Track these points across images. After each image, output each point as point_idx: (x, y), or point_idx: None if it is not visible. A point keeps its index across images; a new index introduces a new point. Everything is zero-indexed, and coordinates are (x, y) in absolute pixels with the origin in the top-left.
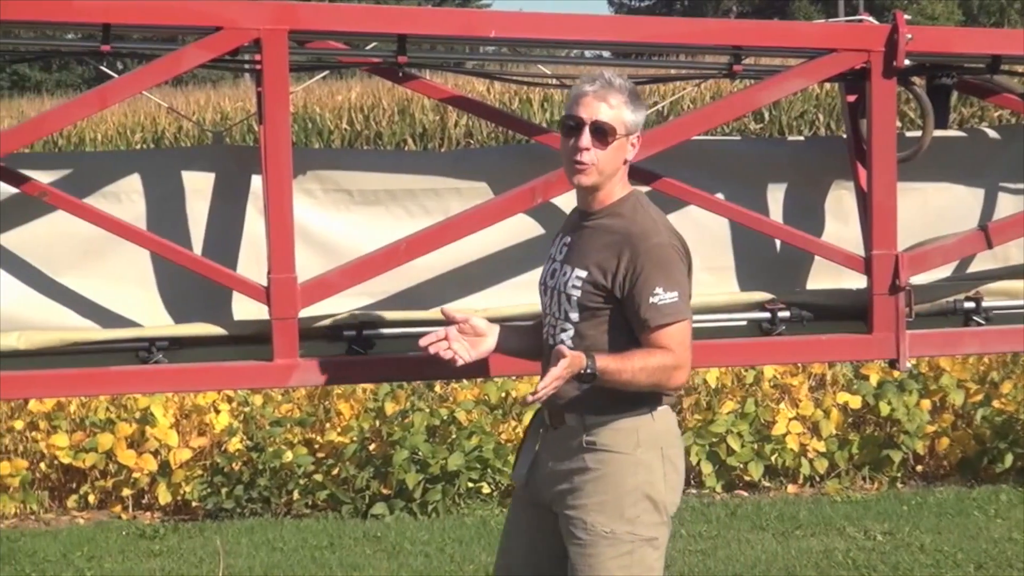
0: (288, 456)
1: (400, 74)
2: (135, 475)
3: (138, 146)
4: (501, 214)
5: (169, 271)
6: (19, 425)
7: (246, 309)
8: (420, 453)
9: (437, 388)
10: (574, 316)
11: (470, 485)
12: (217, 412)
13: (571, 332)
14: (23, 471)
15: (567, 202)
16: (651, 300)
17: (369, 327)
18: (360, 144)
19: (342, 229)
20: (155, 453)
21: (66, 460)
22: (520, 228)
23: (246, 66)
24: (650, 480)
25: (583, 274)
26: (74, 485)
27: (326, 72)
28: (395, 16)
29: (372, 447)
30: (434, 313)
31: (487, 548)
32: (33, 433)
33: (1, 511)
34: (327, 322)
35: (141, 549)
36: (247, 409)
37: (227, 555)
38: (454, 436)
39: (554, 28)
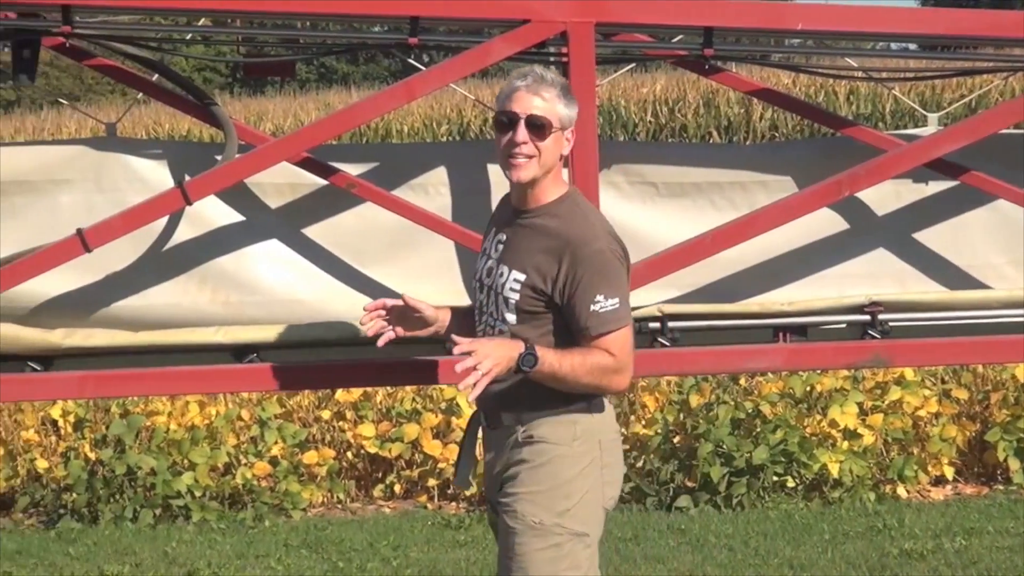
0: None
1: (706, 66)
2: (440, 465)
3: (444, 138)
4: (807, 207)
5: (474, 262)
6: (326, 415)
7: None
8: (725, 446)
9: (742, 381)
10: (511, 318)
11: (775, 479)
12: None
13: (508, 335)
14: (330, 460)
15: (872, 196)
16: (592, 308)
17: (674, 320)
18: (665, 137)
19: (647, 221)
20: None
21: (372, 450)
22: (825, 222)
23: (552, 59)
24: (587, 474)
25: (521, 277)
26: (380, 475)
27: (632, 65)
28: (702, 8)
29: (676, 440)
30: (739, 306)
31: (792, 542)
32: (340, 423)
33: (308, 500)
34: (632, 315)
35: (446, 539)
36: None
37: None
38: (759, 429)
39: (860, 20)
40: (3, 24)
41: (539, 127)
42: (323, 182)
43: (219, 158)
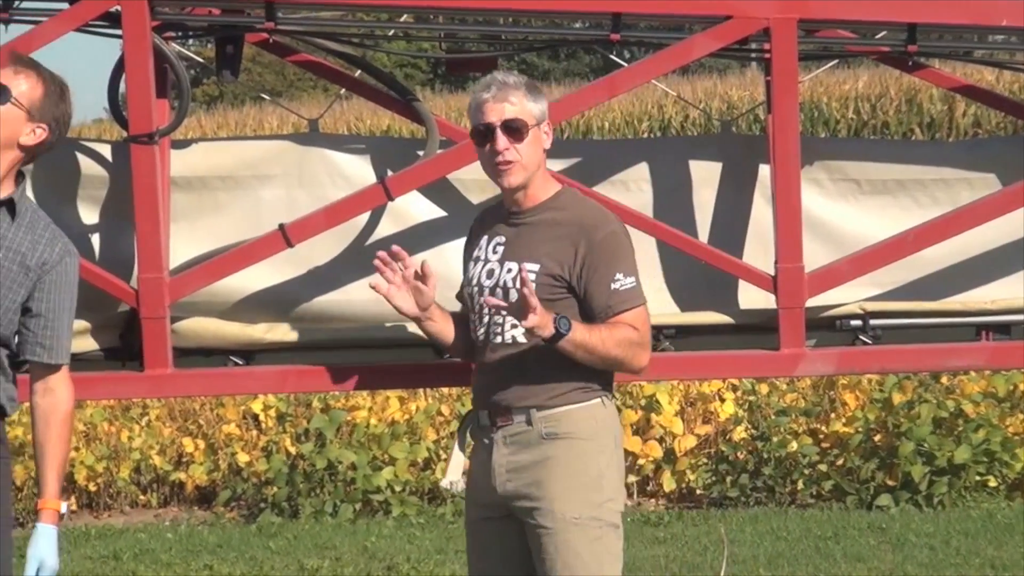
0: (793, 446)
1: (909, 63)
2: (640, 462)
3: (645, 134)
4: (1011, 205)
5: (675, 259)
6: None
7: (752, 298)
8: (926, 445)
9: (944, 380)
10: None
11: (977, 478)
12: (722, 400)
13: (521, 332)
14: None
15: None
16: (612, 286)
17: (875, 317)
18: (866, 134)
19: (849, 218)
20: (660, 440)
21: None
22: None
23: (753, 55)
24: (610, 465)
25: (535, 267)
26: None
27: (834, 61)
28: (906, 5)
29: (877, 438)
30: (941, 304)
31: (994, 542)
32: None
33: None
34: (833, 312)
35: (646, 535)
36: (752, 398)
37: (731, 543)
38: (961, 428)
39: None
40: (208, 20)
41: (515, 130)
42: None
43: (421, 154)
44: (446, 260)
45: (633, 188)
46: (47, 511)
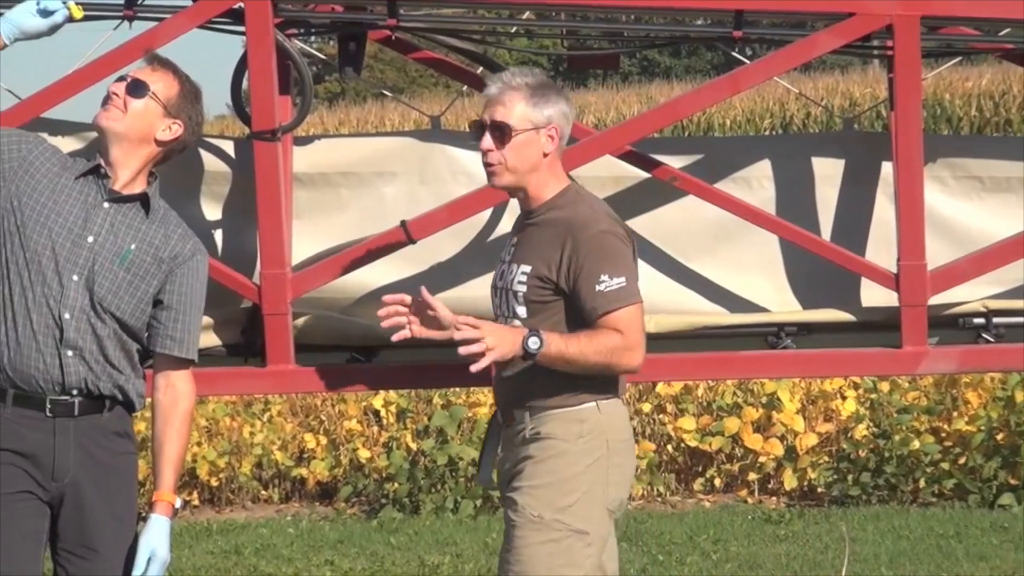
0: (915, 444)
1: None
2: (761, 459)
3: (766, 132)
4: None
5: (797, 256)
6: (647, 408)
7: (874, 296)
8: None
9: None
10: (521, 312)
11: None
12: (844, 399)
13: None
14: (650, 453)
15: None
16: (597, 288)
17: (998, 315)
18: (989, 131)
19: (972, 216)
20: (781, 438)
21: (692, 443)
22: None
23: (876, 52)
24: (590, 472)
25: (527, 269)
26: (700, 468)
27: (957, 58)
28: None
29: (1000, 436)
30: None
31: None
32: (660, 416)
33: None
34: (956, 310)
35: (767, 534)
36: (874, 396)
37: (852, 542)
38: None
39: None
40: (330, 17)
41: (499, 133)
42: (646, 175)
43: None
44: None
45: (755, 185)
46: (161, 503)
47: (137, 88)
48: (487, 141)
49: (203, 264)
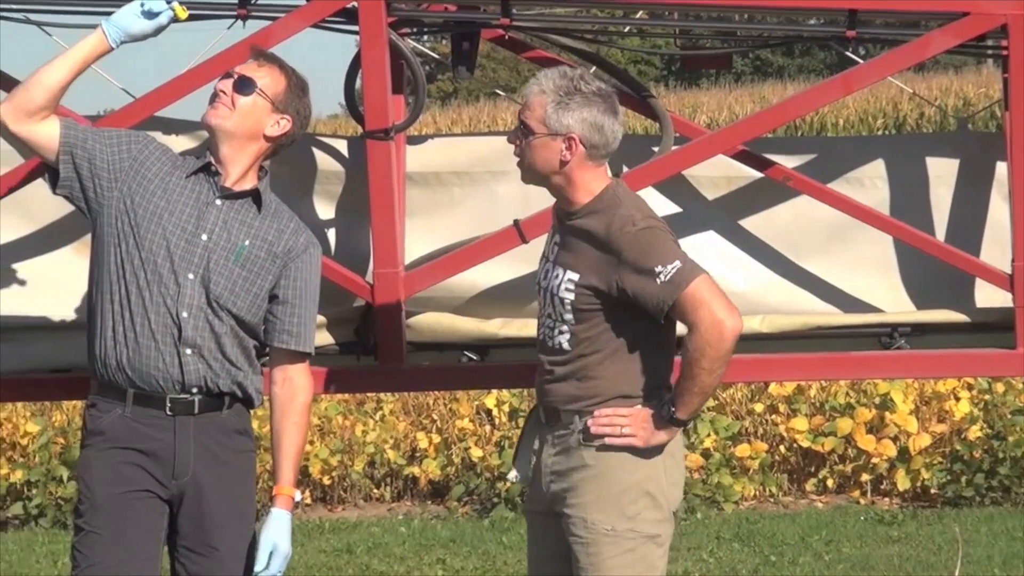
0: None
1: None
2: (874, 460)
3: (879, 132)
4: None
5: (911, 257)
6: (759, 408)
7: (989, 296)
8: None
9: None
10: (569, 318)
11: None
12: (957, 399)
13: (568, 335)
14: (762, 454)
15: None
16: (658, 281)
17: None
18: None
19: None
20: (894, 439)
21: (805, 444)
22: None
23: (990, 52)
24: (650, 476)
25: (575, 277)
26: (813, 469)
27: None
28: None
29: None
30: None
31: None
32: (773, 416)
33: (740, 493)
34: None
35: (879, 535)
36: (988, 397)
37: (965, 543)
38: None
39: None
40: (444, 16)
41: (522, 132)
42: (759, 175)
43: (655, 150)
44: None
45: (868, 185)
46: (281, 497)
47: (244, 85)
48: (512, 135)
49: (317, 257)
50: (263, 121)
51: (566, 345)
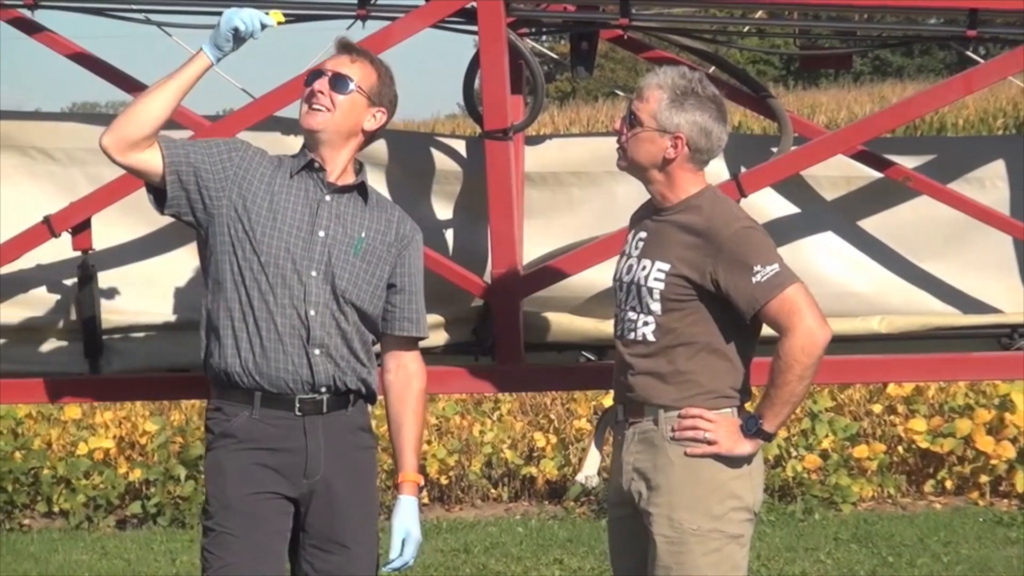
0: None
1: None
2: (992, 462)
3: (1000, 131)
4: None
5: None
6: (877, 409)
7: None
8: None
9: None
10: (656, 308)
11: None
12: None
13: (652, 326)
14: (880, 455)
15: None
16: (754, 280)
17: None
18: None
19: None
20: (1013, 440)
21: (924, 445)
22: None
23: None
24: (737, 475)
25: (665, 267)
26: (931, 470)
27: None
28: None
29: None
30: None
31: None
32: (891, 417)
33: (858, 494)
34: None
35: (998, 536)
36: None
37: None
38: None
39: None
40: (562, 16)
41: (631, 122)
42: (878, 175)
43: (774, 150)
44: (804, 258)
45: (988, 186)
46: (408, 483)
47: (341, 83)
48: (618, 124)
49: (421, 241)
50: (362, 116)
51: (651, 336)
